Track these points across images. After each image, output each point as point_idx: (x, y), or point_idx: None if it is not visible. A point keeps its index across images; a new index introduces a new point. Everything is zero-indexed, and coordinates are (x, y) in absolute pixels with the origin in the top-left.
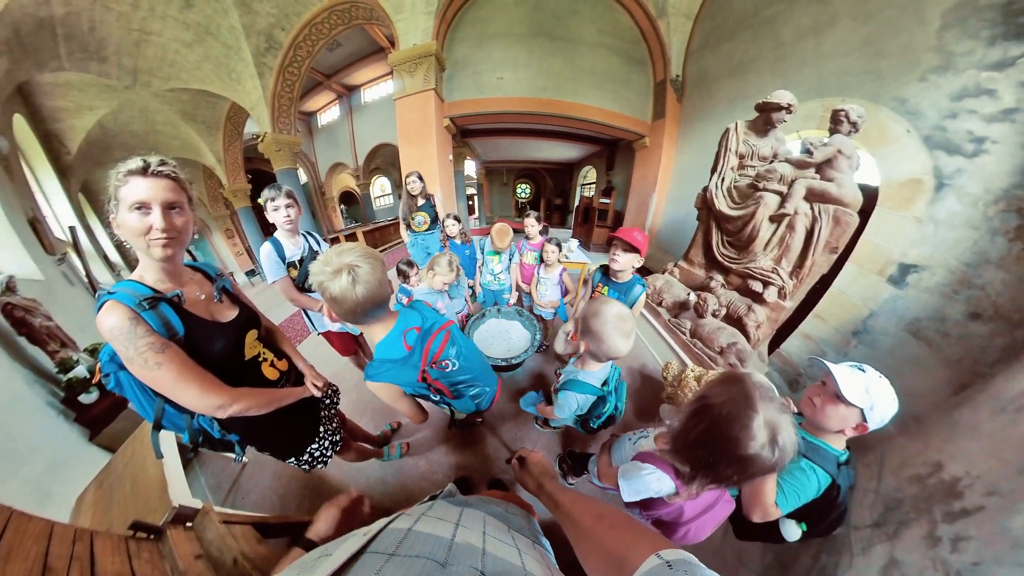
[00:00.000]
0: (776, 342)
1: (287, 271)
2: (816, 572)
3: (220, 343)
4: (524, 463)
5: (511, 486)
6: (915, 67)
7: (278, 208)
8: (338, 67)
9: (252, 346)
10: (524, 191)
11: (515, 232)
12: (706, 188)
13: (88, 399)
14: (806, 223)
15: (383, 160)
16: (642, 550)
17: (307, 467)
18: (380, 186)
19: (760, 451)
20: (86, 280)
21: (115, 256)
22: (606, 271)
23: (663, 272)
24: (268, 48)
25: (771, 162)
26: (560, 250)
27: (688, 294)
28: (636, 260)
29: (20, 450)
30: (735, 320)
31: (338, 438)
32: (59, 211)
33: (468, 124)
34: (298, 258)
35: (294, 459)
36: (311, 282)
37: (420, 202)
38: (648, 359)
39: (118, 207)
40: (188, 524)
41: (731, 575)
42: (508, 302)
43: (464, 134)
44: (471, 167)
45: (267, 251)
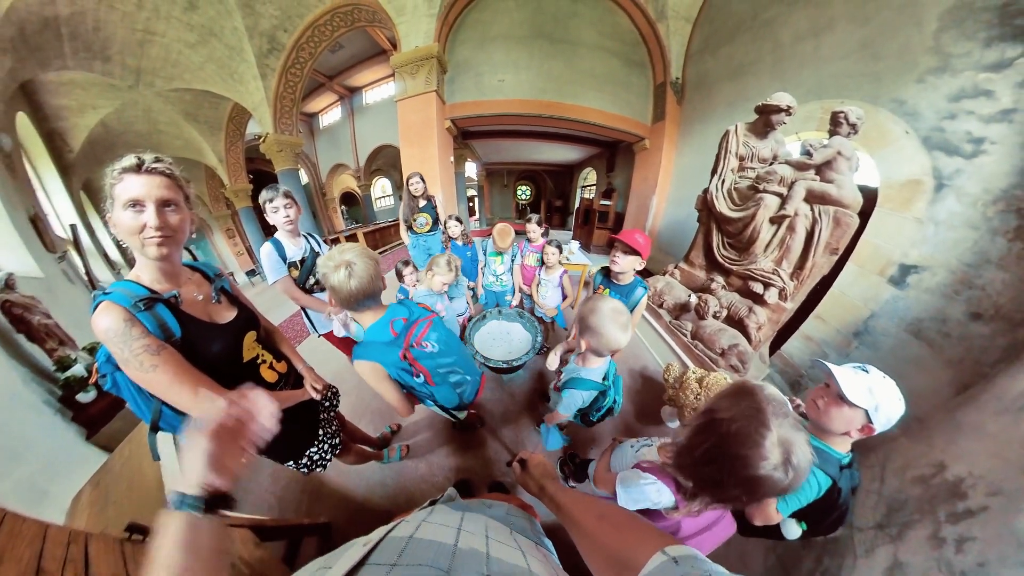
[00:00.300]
0: (777, 343)
1: (288, 271)
2: (819, 574)
3: (218, 345)
4: (525, 465)
5: (512, 489)
6: (913, 69)
7: (277, 209)
8: (340, 69)
9: (250, 348)
10: (525, 193)
11: (516, 234)
12: (706, 190)
13: (86, 398)
14: (806, 224)
15: (384, 161)
16: (647, 548)
17: (305, 470)
18: (381, 187)
19: (772, 472)
20: (86, 278)
21: (115, 255)
22: (607, 273)
23: (664, 274)
24: (271, 49)
25: (771, 164)
26: (561, 252)
27: (689, 296)
28: (637, 263)
29: (16, 449)
30: (736, 322)
31: (337, 441)
32: (61, 209)
33: (469, 126)
34: (299, 258)
35: (292, 462)
36: (318, 273)
37: (422, 203)
38: (649, 361)
39: (113, 205)
40: None
41: None
42: (510, 304)
43: (465, 136)
44: (472, 169)
45: (268, 251)
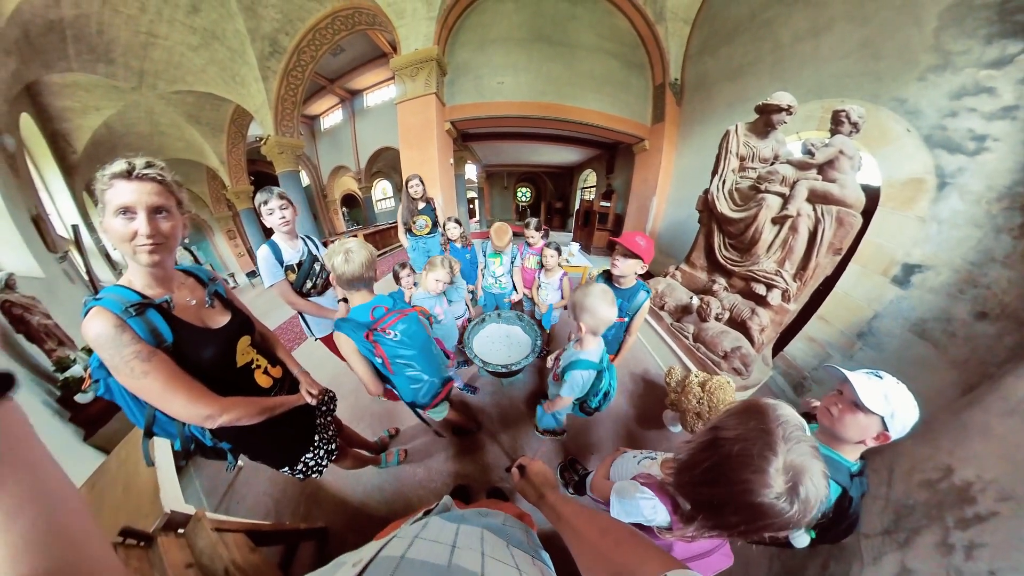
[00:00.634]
0: (780, 345)
1: (285, 274)
2: None
3: (211, 350)
4: (524, 472)
5: (510, 495)
6: (913, 67)
7: (272, 211)
8: (341, 72)
9: (245, 352)
10: (524, 195)
11: (515, 235)
12: (707, 191)
13: (84, 399)
14: (809, 224)
15: (385, 164)
16: (650, 568)
17: (301, 476)
18: (382, 189)
19: (775, 501)
20: (87, 278)
21: (117, 255)
22: (609, 276)
23: (665, 275)
24: (272, 52)
25: (772, 164)
26: (560, 254)
27: (690, 298)
28: (639, 266)
29: None
30: (738, 324)
31: (334, 447)
32: (63, 209)
33: (469, 128)
34: (296, 261)
35: (288, 468)
36: (325, 258)
37: (421, 206)
38: (651, 364)
39: (104, 211)
40: (180, 531)
41: None
42: (510, 305)
43: (465, 138)
44: (472, 171)
45: (264, 254)
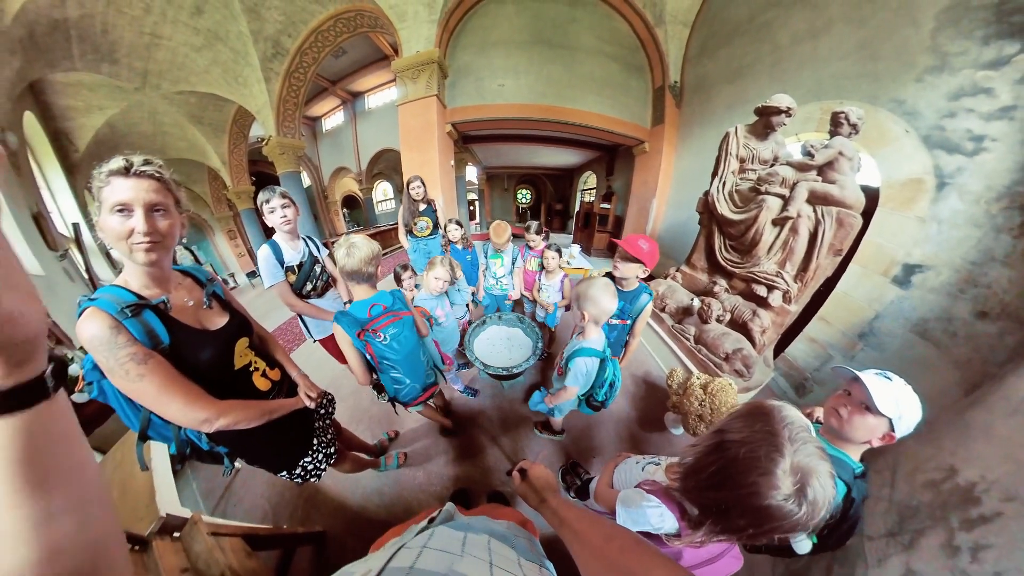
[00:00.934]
0: (781, 346)
1: (285, 275)
2: None
3: (208, 352)
4: (525, 475)
5: (511, 499)
6: (911, 68)
7: (274, 210)
8: (343, 73)
9: (242, 355)
10: (525, 197)
11: (515, 237)
12: (707, 192)
13: (80, 398)
14: (809, 226)
15: (386, 165)
16: None
17: (300, 480)
18: (382, 191)
19: (783, 503)
20: (87, 276)
21: (117, 254)
22: (612, 279)
23: (665, 277)
24: (275, 54)
25: (772, 165)
26: (561, 256)
27: (691, 299)
28: (641, 270)
29: None
30: (740, 325)
31: (332, 450)
32: (64, 208)
33: (470, 130)
34: (297, 263)
35: (286, 473)
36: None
37: (422, 207)
38: (652, 366)
39: (100, 209)
40: (176, 535)
41: None
42: (511, 306)
43: (466, 140)
44: (472, 173)
45: (265, 254)
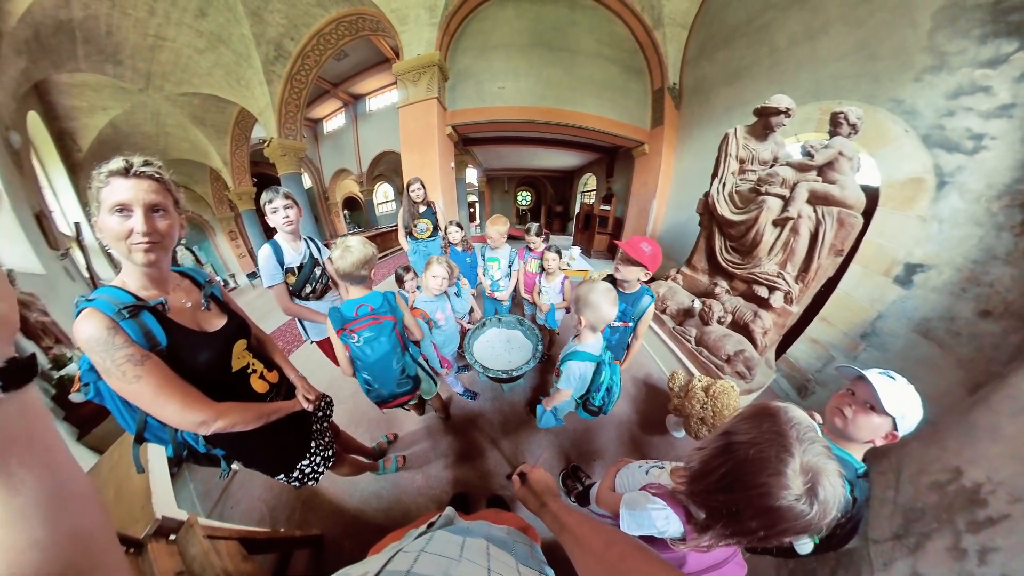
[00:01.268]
0: (782, 348)
1: (284, 277)
2: None
3: (205, 354)
4: (525, 479)
5: (511, 503)
6: (909, 68)
7: (276, 210)
8: (345, 76)
9: (240, 357)
10: (525, 199)
11: (514, 239)
12: (707, 193)
13: (78, 398)
14: (810, 226)
15: (386, 167)
16: None
17: (297, 484)
18: (383, 192)
19: (794, 503)
20: (87, 275)
21: (116, 253)
22: (613, 282)
23: (666, 279)
24: (277, 56)
25: (772, 166)
26: (561, 258)
27: (692, 301)
28: (642, 272)
29: None
30: (741, 327)
31: (330, 453)
32: (67, 207)
33: (470, 132)
34: (297, 264)
35: (283, 476)
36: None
37: (422, 209)
38: (653, 369)
39: (99, 209)
40: (171, 537)
41: None
42: (508, 308)
43: (466, 142)
44: (473, 175)
45: (266, 255)
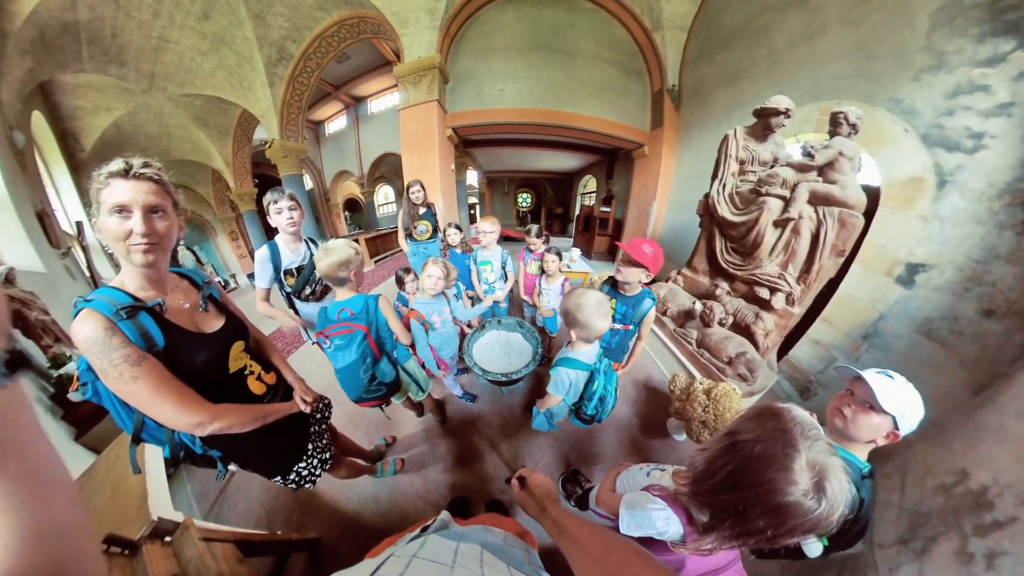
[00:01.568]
0: (784, 349)
1: (283, 278)
2: None
3: (203, 355)
4: (525, 484)
5: (510, 508)
6: (907, 68)
7: (281, 211)
8: (346, 79)
9: (238, 358)
10: (525, 200)
11: (513, 240)
12: (708, 195)
13: (76, 397)
14: (811, 227)
15: (387, 169)
16: None
17: (294, 486)
18: (384, 194)
19: (802, 499)
20: (88, 274)
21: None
22: (615, 284)
23: (667, 280)
24: (279, 59)
25: (772, 167)
26: (561, 259)
27: (693, 303)
28: (644, 274)
29: None
30: (743, 328)
31: (328, 456)
32: (69, 206)
33: (470, 134)
34: (296, 265)
35: (280, 478)
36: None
37: (422, 211)
38: (654, 371)
39: (99, 210)
40: (167, 539)
41: None
42: (506, 310)
43: (466, 144)
44: (473, 177)
45: (262, 256)
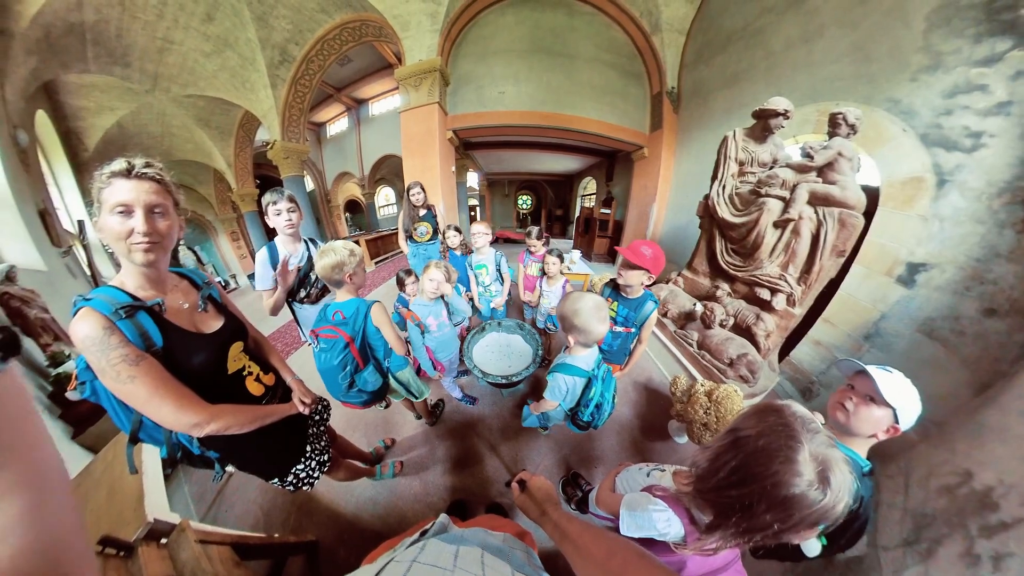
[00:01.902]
0: (785, 350)
1: (277, 283)
2: None
3: (201, 355)
4: (525, 487)
5: (510, 511)
6: (905, 68)
7: (280, 212)
8: (348, 81)
9: (236, 359)
10: (525, 202)
11: (513, 242)
12: (708, 196)
13: (74, 396)
14: (811, 227)
15: (388, 171)
16: None
17: (292, 488)
18: (385, 196)
19: (807, 490)
20: (88, 273)
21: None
22: (616, 286)
23: (667, 282)
24: (282, 61)
25: (771, 168)
26: (562, 261)
27: (694, 304)
28: (645, 276)
29: None
30: (743, 330)
31: (326, 458)
32: (71, 205)
33: (471, 137)
34: (295, 266)
35: (277, 480)
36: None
37: (422, 212)
38: (655, 373)
39: (100, 209)
40: (163, 541)
41: None
42: (504, 312)
43: (467, 146)
44: (473, 179)
45: (262, 257)
